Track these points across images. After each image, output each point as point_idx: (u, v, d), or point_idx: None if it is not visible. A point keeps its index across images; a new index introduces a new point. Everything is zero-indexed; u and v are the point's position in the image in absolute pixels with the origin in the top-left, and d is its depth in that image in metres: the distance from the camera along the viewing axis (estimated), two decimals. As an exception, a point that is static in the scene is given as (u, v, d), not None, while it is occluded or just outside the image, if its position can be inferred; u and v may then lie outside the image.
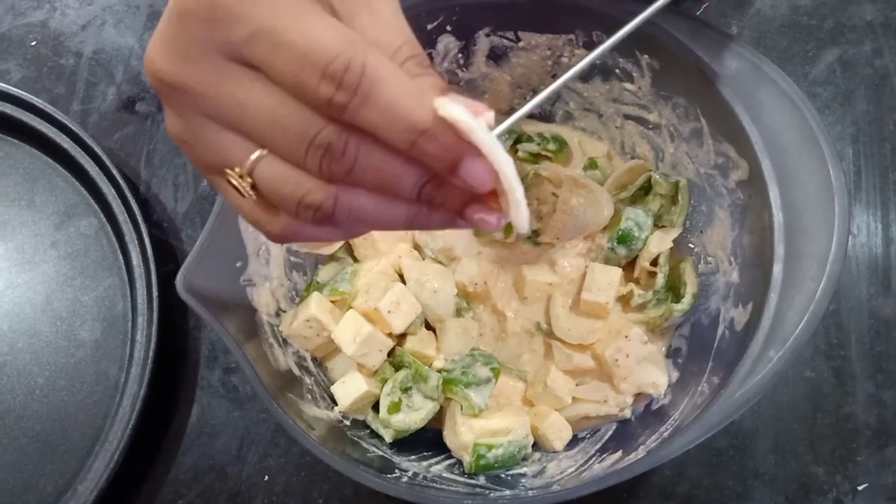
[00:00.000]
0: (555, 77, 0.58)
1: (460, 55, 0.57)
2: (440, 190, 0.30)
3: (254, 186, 0.30)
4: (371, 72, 0.27)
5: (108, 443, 0.56)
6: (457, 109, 0.28)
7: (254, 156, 0.30)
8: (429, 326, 0.55)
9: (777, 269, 0.45)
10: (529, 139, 0.59)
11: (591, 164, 0.59)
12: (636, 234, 0.55)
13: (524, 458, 0.52)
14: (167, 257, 0.63)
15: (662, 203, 0.56)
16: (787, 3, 0.67)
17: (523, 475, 0.51)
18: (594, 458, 0.50)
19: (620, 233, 0.55)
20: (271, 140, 0.29)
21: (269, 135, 0.29)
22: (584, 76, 0.57)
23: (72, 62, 0.70)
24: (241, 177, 0.30)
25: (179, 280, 0.46)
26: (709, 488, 0.55)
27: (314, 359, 0.56)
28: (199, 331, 0.61)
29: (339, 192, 0.30)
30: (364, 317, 0.52)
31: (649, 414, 0.52)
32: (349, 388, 0.52)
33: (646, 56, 0.52)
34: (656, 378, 0.52)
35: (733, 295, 0.51)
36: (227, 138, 0.30)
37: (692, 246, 0.56)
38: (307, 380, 0.53)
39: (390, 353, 0.54)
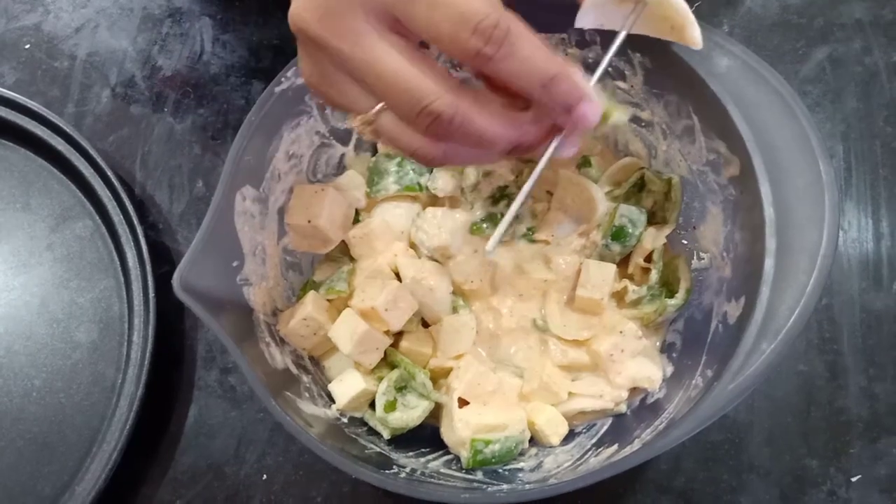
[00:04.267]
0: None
1: (454, 55, 0.57)
2: (530, 144, 0.37)
3: (375, 130, 0.37)
4: (514, 29, 0.33)
5: (106, 444, 0.56)
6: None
7: (375, 109, 0.36)
8: (426, 325, 0.56)
9: (769, 263, 0.46)
10: (523, 138, 0.59)
11: (585, 163, 0.59)
12: (630, 230, 0.55)
13: (521, 454, 0.52)
14: (163, 258, 0.63)
15: (656, 200, 0.57)
16: (778, 2, 0.67)
17: (520, 470, 0.51)
18: (590, 452, 0.51)
19: (614, 230, 0.55)
20: (390, 99, 0.35)
21: (390, 94, 0.34)
22: (578, 75, 0.57)
23: (66, 65, 0.70)
24: (364, 123, 0.37)
25: (176, 280, 0.46)
26: (704, 482, 0.56)
27: (311, 357, 0.56)
28: (196, 331, 0.61)
29: (445, 153, 0.37)
30: (361, 315, 0.52)
31: (644, 408, 0.53)
32: (346, 386, 0.53)
33: (638, 54, 0.53)
34: (651, 373, 0.53)
35: (726, 289, 0.51)
36: (354, 90, 0.36)
37: (685, 242, 0.56)
38: (304, 378, 0.54)
39: (386, 352, 0.54)
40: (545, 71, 0.34)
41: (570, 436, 0.53)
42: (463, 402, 0.53)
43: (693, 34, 0.46)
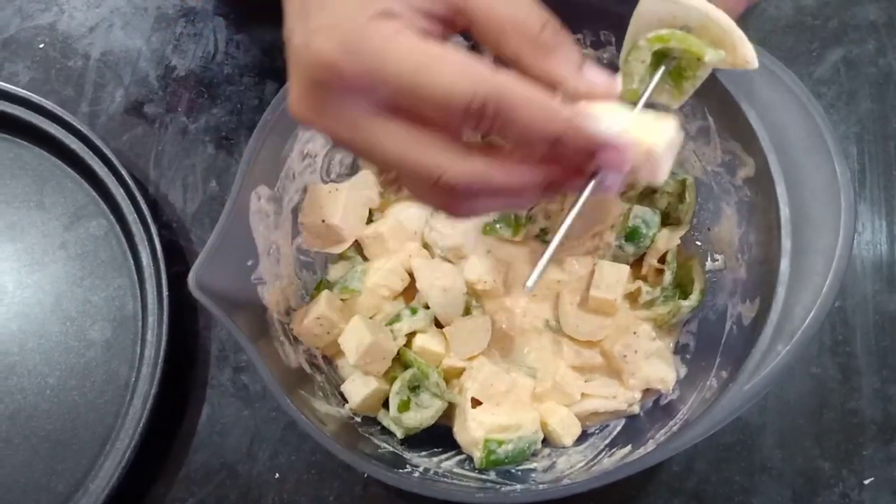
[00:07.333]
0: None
1: (468, 55, 0.57)
2: (561, 184, 0.36)
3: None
4: (506, 97, 0.31)
5: (120, 442, 0.56)
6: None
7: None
8: (439, 325, 0.56)
9: (784, 264, 0.46)
10: (537, 138, 0.59)
11: (598, 163, 0.59)
12: (644, 231, 0.55)
13: (534, 454, 0.52)
14: (176, 258, 0.63)
15: (670, 201, 0.57)
16: (792, 3, 0.67)
17: (533, 470, 0.51)
18: (603, 453, 0.51)
19: (628, 230, 0.55)
20: (402, 177, 0.35)
21: (400, 172, 0.34)
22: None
23: (80, 64, 0.70)
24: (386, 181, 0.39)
25: (191, 278, 0.46)
26: (717, 483, 0.56)
27: (324, 356, 0.56)
28: (209, 330, 0.62)
29: (472, 208, 0.36)
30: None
31: (658, 409, 0.53)
32: (359, 386, 0.53)
33: (652, 55, 0.53)
34: (664, 374, 0.53)
35: (741, 291, 0.51)
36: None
37: (699, 243, 0.56)
38: (318, 377, 0.54)
39: (399, 351, 0.54)
40: (548, 133, 0.33)
41: (583, 436, 0.53)
42: (476, 403, 0.53)
43: (745, 53, 0.42)
